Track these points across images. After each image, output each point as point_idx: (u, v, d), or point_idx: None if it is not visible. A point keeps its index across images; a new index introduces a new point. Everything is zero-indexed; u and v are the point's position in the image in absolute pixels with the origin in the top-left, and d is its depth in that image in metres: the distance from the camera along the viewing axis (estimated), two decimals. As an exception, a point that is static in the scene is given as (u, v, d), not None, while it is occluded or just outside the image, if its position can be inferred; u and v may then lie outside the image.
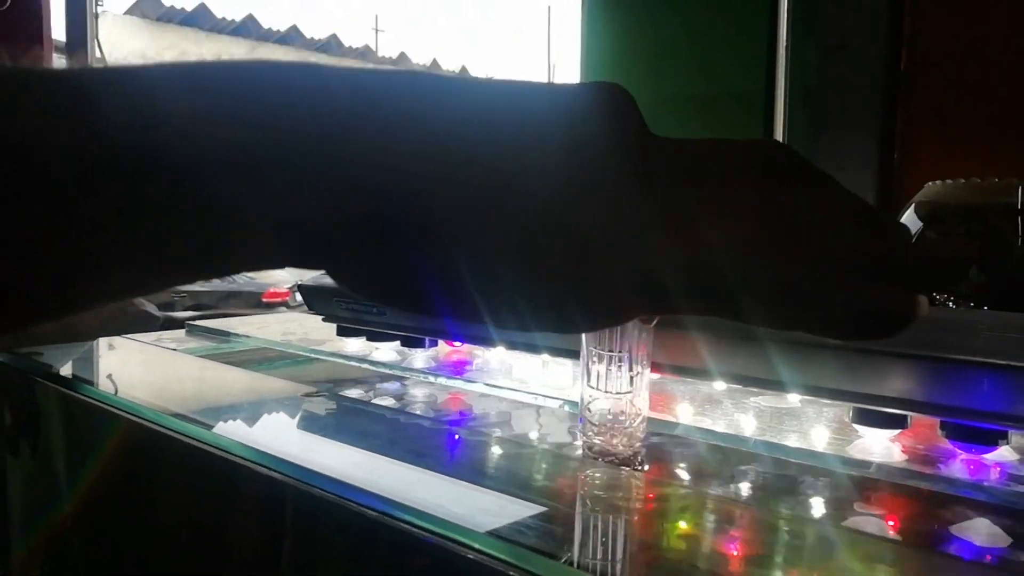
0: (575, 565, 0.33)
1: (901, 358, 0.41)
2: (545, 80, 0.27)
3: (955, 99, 0.88)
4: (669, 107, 1.76)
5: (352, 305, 0.68)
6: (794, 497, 0.42)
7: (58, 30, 2.30)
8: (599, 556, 0.34)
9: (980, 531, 0.38)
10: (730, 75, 1.48)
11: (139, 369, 0.70)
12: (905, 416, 0.44)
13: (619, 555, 0.35)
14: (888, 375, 0.41)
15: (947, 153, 0.88)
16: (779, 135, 1.14)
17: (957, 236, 0.59)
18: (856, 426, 0.45)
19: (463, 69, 13.23)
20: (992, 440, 0.41)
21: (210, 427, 0.51)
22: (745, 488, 0.43)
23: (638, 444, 0.44)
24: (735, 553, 0.36)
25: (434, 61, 12.96)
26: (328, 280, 0.25)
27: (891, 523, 0.39)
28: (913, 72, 0.88)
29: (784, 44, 1.11)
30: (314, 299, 0.72)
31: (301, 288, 0.73)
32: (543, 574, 0.32)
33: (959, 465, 0.42)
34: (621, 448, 0.44)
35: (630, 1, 1.88)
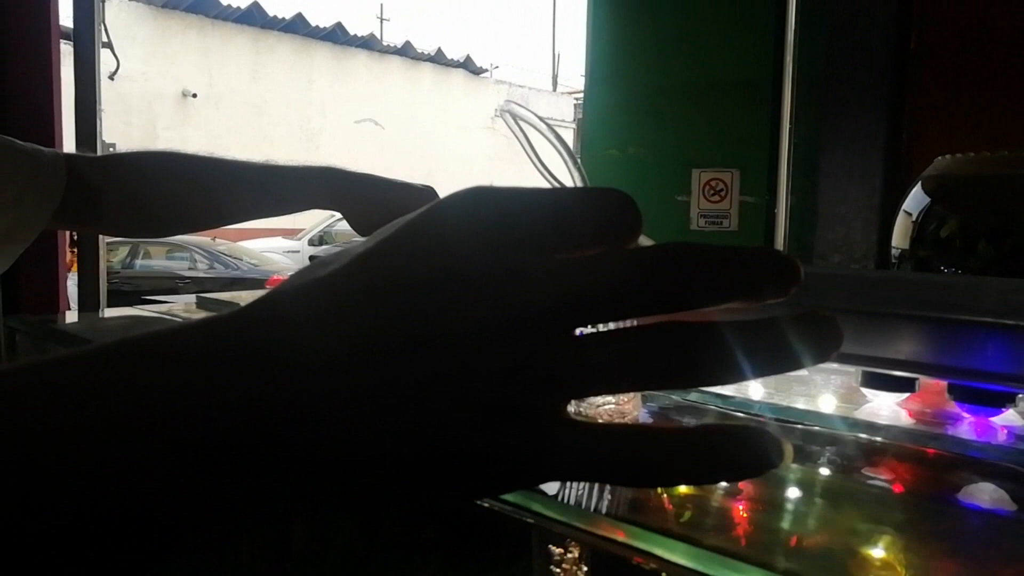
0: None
1: (909, 320, 0.41)
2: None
3: (963, 80, 0.88)
4: (676, 96, 1.76)
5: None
6: (803, 460, 0.43)
7: (65, 16, 2.31)
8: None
9: (985, 494, 0.39)
10: (737, 63, 1.48)
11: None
12: (913, 380, 0.44)
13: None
14: (896, 337, 0.42)
15: (955, 134, 0.89)
16: (785, 121, 1.15)
17: (965, 210, 0.60)
18: (864, 390, 0.46)
19: (467, 58, 13.18)
20: (1000, 403, 0.41)
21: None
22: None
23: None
24: (745, 512, 0.36)
25: (439, 51, 12.91)
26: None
27: (897, 486, 0.40)
28: (921, 53, 0.88)
29: (792, 30, 1.11)
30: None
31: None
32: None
33: (966, 428, 0.43)
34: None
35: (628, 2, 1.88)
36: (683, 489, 0.38)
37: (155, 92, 9.39)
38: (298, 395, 0.19)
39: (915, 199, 0.63)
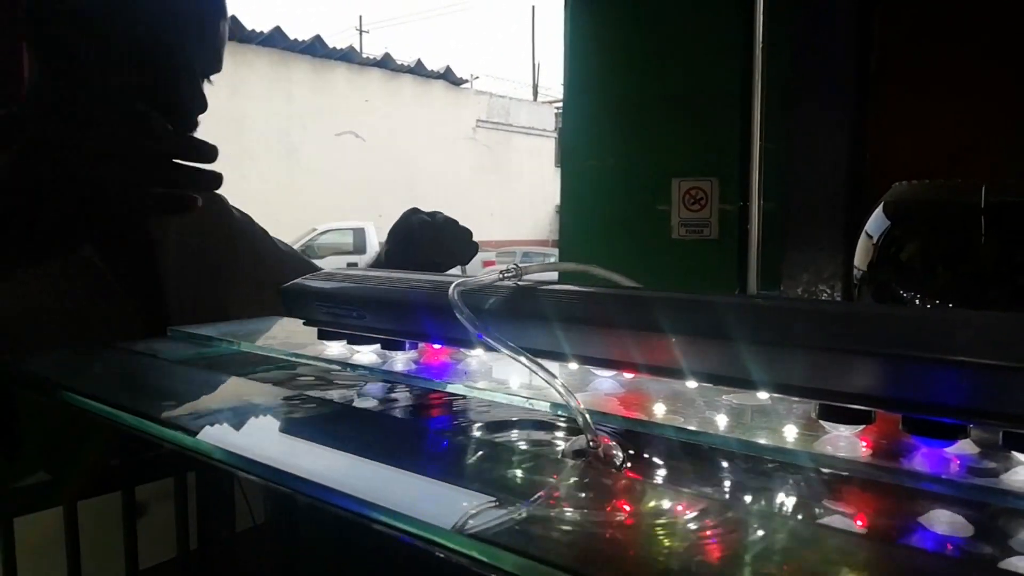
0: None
1: (865, 356, 0.42)
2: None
3: (925, 100, 0.90)
4: (655, 106, 1.78)
5: (331, 309, 0.68)
6: (764, 492, 0.43)
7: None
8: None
9: (942, 521, 0.40)
10: (709, 75, 1.50)
11: (119, 374, 0.70)
12: (869, 412, 0.45)
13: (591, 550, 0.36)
14: (851, 372, 0.42)
15: (919, 155, 0.90)
16: (756, 136, 1.16)
17: (923, 235, 0.61)
18: (822, 422, 0.46)
19: (448, 69, 13.20)
20: (952, 434, 0.42)
21: (192, 432, 0.51)
22: (717, 483, 0.45)
23: (614, 444, 0.45)
24: (708, 547, 0.37)
25: (419, 62, 12.93)
26: (308, 283, 0.27)
27: (857, 516, 0.40)
28: (883, 73, 0.90)
29: (759, 46, 1.12)
30: (293, 303, 0.72)
31: (282, 291, 0.73)
32: (514, 571, 0.33)
33: (920, 459, 0.43)
34: (600, 447, 0.45)
35: (612, 2, 1.89)
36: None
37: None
38: None
39: (876, 223, 0.64)
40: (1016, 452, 0.41)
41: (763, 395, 0.52)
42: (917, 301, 0.60)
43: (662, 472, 0.48)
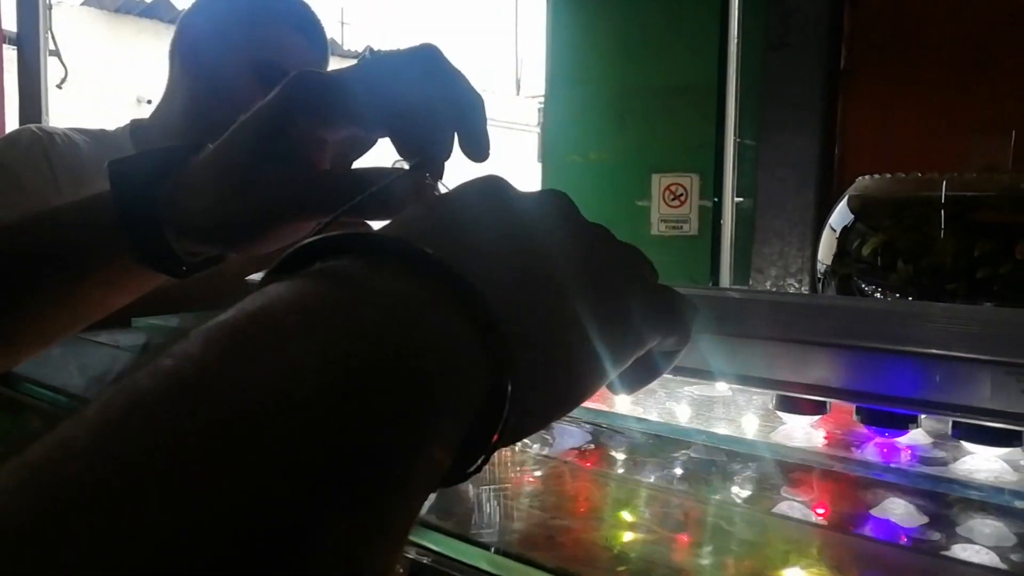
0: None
1: (820, 347, 0.43)
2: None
3: (894, 96, 0.90)
4: (633, 97, 1.78)
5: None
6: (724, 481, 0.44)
7: (9, 21, 2.25)
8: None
9: (897, 511, 0.40)
10: (693, 68, 1.50)
11: (77, 366, 0.70)
12: (824, 402, 0.45)
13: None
14: (806, 363, 0.43)
15: (887, 150, 0.91)
16: (730, 128, 1.17)
17: (883, 229, 0.61)
18: (779, 413, 0.47)
19: (430, 63, 13.13)
20: (903, 424, 0.43)
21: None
22: (678, 473, 0.45)
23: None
24: (663, 537, 0.37)
25: (400, 54, 12.85)
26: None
27: (814, 504, 0.41)
28: (853, 70, 0.91)
29: (735, 41, 1.13)
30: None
31: (249, 284, 0.73)
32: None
33: (872, 448, 0.44)
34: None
35: (588, 5, 1.90)
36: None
37: (110, 98, 9.20)
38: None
39: (839, 217, 0.65)
40: (965, 442, 0.42)
41: (722, 386, 0.52)
42: (878, 294, 0.61)
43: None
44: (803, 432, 0.46)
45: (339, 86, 0.37)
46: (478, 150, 0.38)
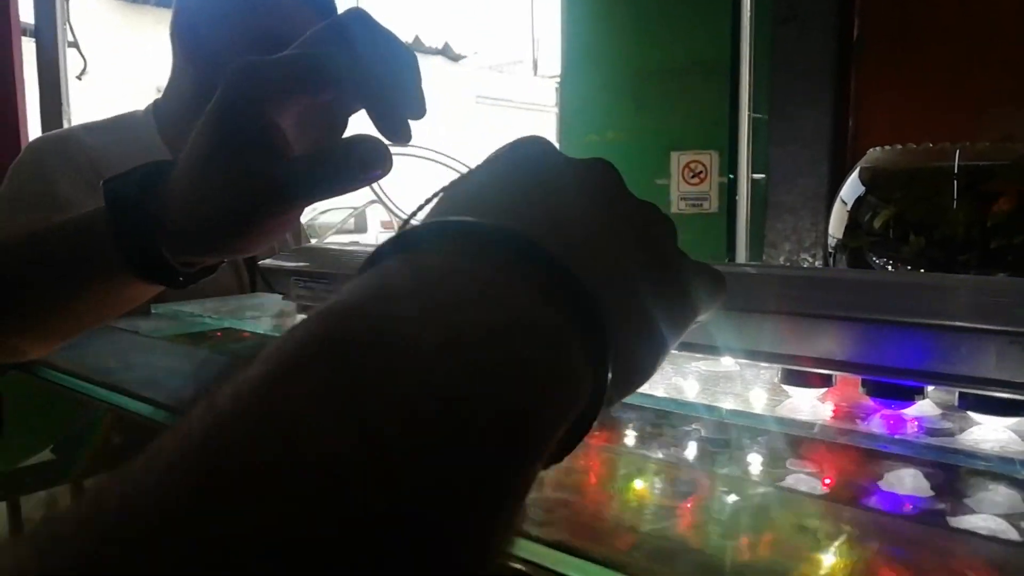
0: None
1: (821, 320, 0.42)
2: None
3: (907, 68, 0.89)
4: (650, 75, 1.76)
5: (308, 284, 0.69)
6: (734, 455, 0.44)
7: (27, 12, 2.27)
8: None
9: (904, 482, 0.40)
10: (702, 45, 1.48)
11: (98, 351, 0.71)
12: (830, 376, 0.45)
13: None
14: (809, 337, 0.43)
15: (901, 122, 0.89)
16: (744, 104, 1.15)
17: (895, 201, 0.61)
18: (785, 386, 0.47)
19: (446, 45, 13.08)
20: (909, 396, 0.42)
21: (166, 407, 0.52)
22: (683, 448, 0.45)
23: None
24: (672, 510, 0.37)
25: (416, 38, 12.82)
26: (286, 261, 0.28)
27: (821, 477, 0.41)
28: (865, 42, 0.89)
29: (748, 15, 1.11)
30: (275, 279, 0.73)
31: (261, 269, 0.74)
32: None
33: (879, 420, 0.44)
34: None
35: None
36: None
37: (130, 88, 9.27)
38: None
39: (850, 189, 0.64)
40: (972, 412, 0.41)
41: (728, 361, 0.52)
42: (890, 267, 0.61)
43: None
44: (809, 405, 0.46)
45: (274, 64, 0.38)
46: (416, 107, 0.39)
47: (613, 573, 0.32)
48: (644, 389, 0.51)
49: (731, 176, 1.22)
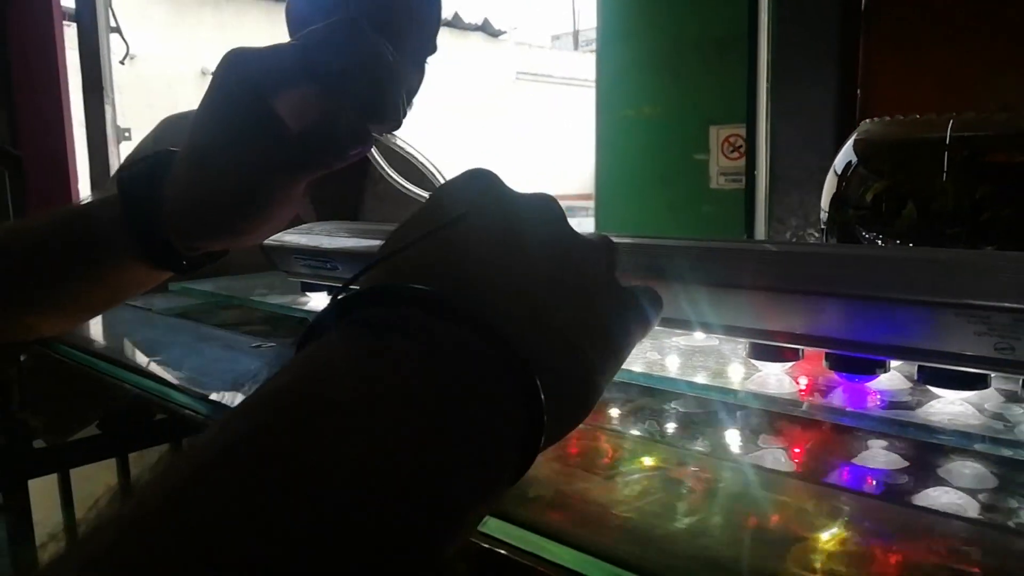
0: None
1: (783, 294, 0.43)
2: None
3: (916, 40, 0.86)
4: (691, 51, 1.74)
5: (309, 262, 0.71)
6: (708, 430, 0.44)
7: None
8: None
9: (879, 456, 0.40)
10: (738, 17, 1.46)
11: (103, 325, 0.74)
12: (797, 350, 0.45)
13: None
14: (771, 311, 0.43)
15: (909, 96, 0.87)
16: (761, 78, 1.13)
17: (883, 173, 0.60)
18: (753, 361, 0.47)
19: (485, 21, 13.00)
20: (871, 369, 0.42)
21: (168, 383, 0.54)
22: (652, 422, 0.46)
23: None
24: (639, 485, 0.38)
25: (456, 15, 12.75)
26: (290, 238, 0.31)
27: (787, 451, 0.41)
28: (872, 11, 0.87)
29: (765, -14, 1.09)
30: (278, 257, 0.75)
31: (265, 247, 0.76)
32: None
33: (839, 393, 0.44)
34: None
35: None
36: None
37: (174, 72, 9.43)
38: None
39: (842, 161, 0.63)
40: (929, 386, 0.41)
41: (700, 335, 0.52)
42: (879, 241, 0.60)
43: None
44: (776, 379, 0.46)
45: (263, 56, 0.42)
46: (389, 115, 0.42)
47: (574, 552, 0.32)
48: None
49: (749, 150, 1.20)
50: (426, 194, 0.49)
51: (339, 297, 0.26)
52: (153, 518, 0.19)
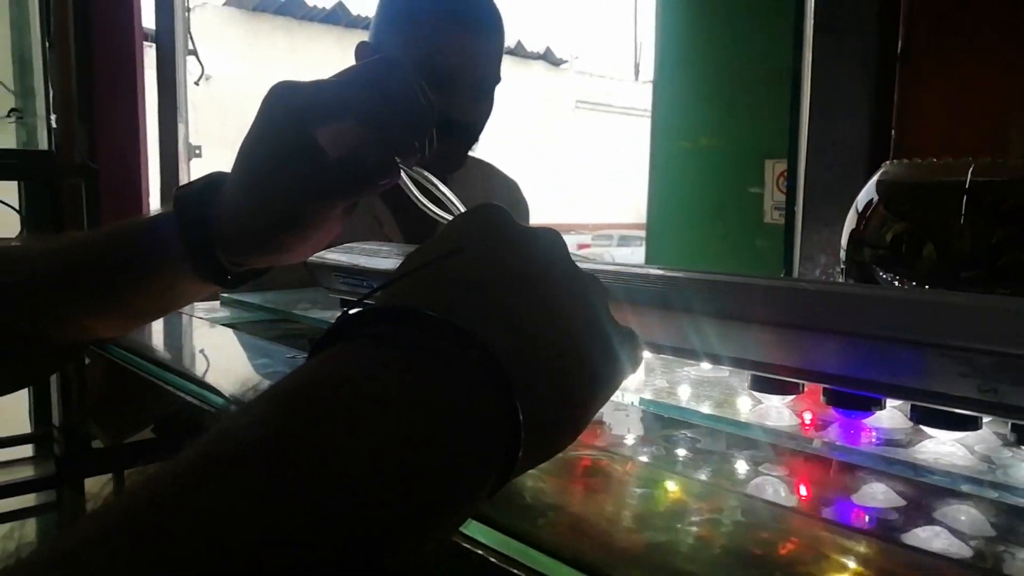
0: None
1: (782, 329, 0.44)
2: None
3: (955, 77, 0.86)
4: (744, 81, 1.75)
5: (347, 279, 0.74)
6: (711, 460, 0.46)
7: (149, 19, 2.47)
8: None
9: (878, 495, 0.41)
10: (768, 54, 1.47)
11: (156, 331, 0.79)
12: (799, 383, 0.47)
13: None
14: (769, 344, 0.44)
15: (943, 130, 0.87)
16: (804, 113, 1.14)
17: (907, 215, 0.61)
18: (754, 392, 0.48)
19: (547, 50, 13.15)
20: (867, 406, 0.43)
21: (214, 389, 0.58)
22: (652, 450, 0.47)
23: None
24: (632, 511, 0.40)
25: (518, 43, 12.95)
26: (331, 256, 0.36)
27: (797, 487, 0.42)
28: (908, 54, 0.87)
29: (810, 21, 1.10)
30: (319, 274, 0.79)
31: (307, 264, 0.80)
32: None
33: (836, 429, 0.45)
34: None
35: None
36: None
37: (247, 92, 9.78)
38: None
39: (862, 202, 0.64)
40: (923, 426, 0.42)
41: (706, 366, 0.54)
42: (896, 282, 0.61)
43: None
44: (776, 412, 0.47)
45: (305, 90, 0.46)
46: (414, 151, 0.46)
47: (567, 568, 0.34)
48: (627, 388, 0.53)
49: (790, 186, 1.21)
50: (450, 217, 0.53)
51: (349, 312, 0.29)
52: (164, 504, 0.21)
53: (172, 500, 0.21)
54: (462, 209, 0.53)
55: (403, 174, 0.49)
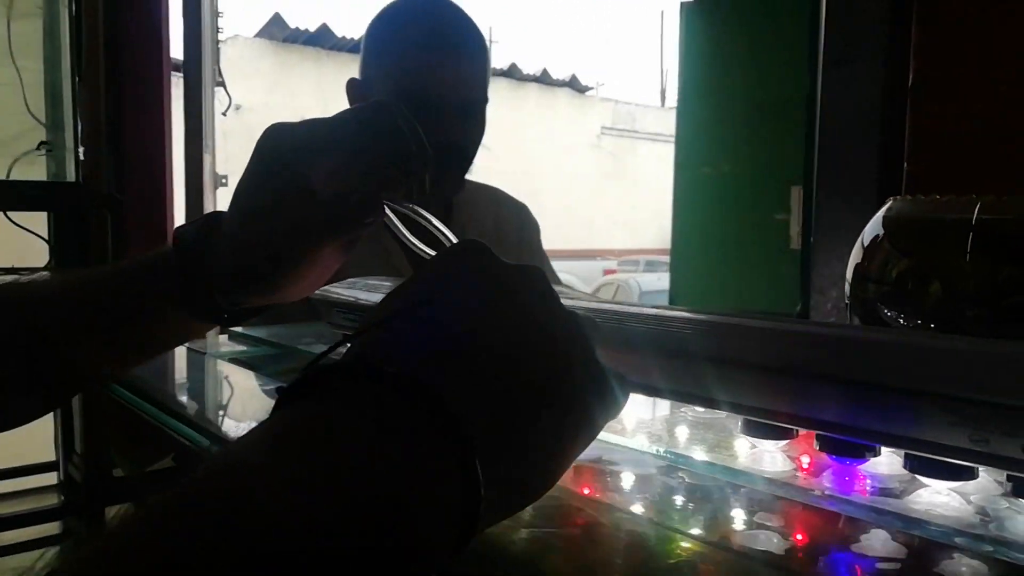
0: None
1: (773, 374, 0.43)
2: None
3: (966, 112, 0.85)
4: (770, 110, 1.74)
5: (347, 315, 0.75)
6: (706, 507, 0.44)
7: (178, 50, 2.53)
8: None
9: (878, 542, 0.40)
10: (786, 83, 1.46)
11: (158, 368, 0.80)
12: (792, 428, 0.45)
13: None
14: (758, 389, 0.43)
15: (955, 173, 0.85)
16: (817, 141, 1.13)
17: (911, 251, 0.59)
18: (746, 437, 0.47)
19: (573, 77, 13.24)
20: (860, 453, 0.42)
21: (206, 428, 0.59)
22: (641, 494, 0.46)
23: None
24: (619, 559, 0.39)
25: (544, 71, 13.06)
26: (335, 291, 0.35)
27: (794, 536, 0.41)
28: (920, 85, 0.86)
29: (822, 48, 1.10)
30: (322, 308, 0.79)
31: (311, 299, 0.80)
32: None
33: (829, 475, 0.44)
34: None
35: (728, 3, 1.86)
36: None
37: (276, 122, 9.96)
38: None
39: (868, 238, 0.63)
40: (917, 475, 0.41)
41: (700, 409, 0.53)
42: (900, 320, 0.59)
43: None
44: (772, 456, 0.46)
45: (298, 130, 0.46)
46: (411, 192, 0.46)
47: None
48: (616, 430, 0.52)
49: (807, 218, 1.19)
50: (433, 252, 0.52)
51: (310, 369, 0.29)
52: (122, 553, 0.21)
53: (125, 552, 0.21)
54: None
55: (388, 210, 0.49)
